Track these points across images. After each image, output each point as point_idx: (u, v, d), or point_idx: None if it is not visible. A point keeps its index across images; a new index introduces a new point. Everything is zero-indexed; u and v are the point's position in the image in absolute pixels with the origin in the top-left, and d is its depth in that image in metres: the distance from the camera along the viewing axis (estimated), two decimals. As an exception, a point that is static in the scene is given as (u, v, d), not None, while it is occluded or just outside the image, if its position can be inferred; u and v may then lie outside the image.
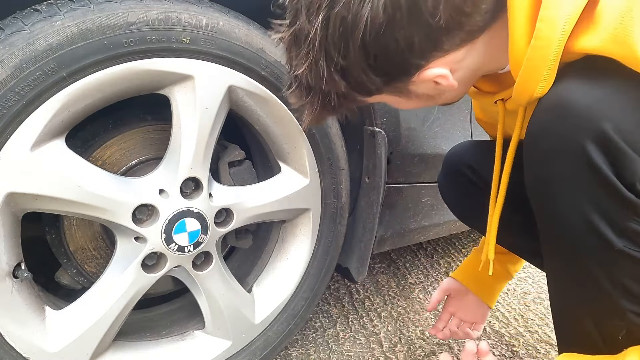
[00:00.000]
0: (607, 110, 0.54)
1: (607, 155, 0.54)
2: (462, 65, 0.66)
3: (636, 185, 0.54)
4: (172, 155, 0.83)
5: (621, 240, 0.57)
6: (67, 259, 0.90)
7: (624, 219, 0.57)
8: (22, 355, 0.74)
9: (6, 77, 0.64)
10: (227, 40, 0.81)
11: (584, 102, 0.56)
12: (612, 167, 0.55)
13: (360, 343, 1.24)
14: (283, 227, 1.08)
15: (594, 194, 0.57)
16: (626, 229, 0.57)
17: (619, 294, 0.62)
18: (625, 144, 0.53)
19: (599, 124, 0.54)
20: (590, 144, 0.55)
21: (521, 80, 0.63)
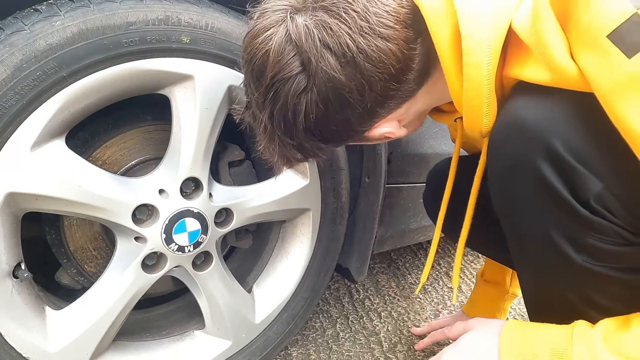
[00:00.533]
0: (555, 127, 0.55)
1: (559, 173, 0.55)
2: (409, 114, 0.71)
3: (590, 201, 0.55)
4: (172, 155, 0.83)
5: (581, 256, 0.58)
6: (67, 259, 0.90)
7: (581, 235, 0.57)
8: (22, 355, 0.74)
9: (6, 77, 0.64)
10: (227, 40, 0.81)
11: (532, 120, 0.57)
12: (565, 185, 0.55)
13: (360, 343, 1.24)
14: (283, 227, 1.08)
15: (551, 211, 0.58)
16: (585, 245, 0.58)
17: (585, 306, 0.63)
18: (576, 161, 0.54)
19: (548, 142, 0.55)
20: (542, 162, 0.56)
21: (466, 119, 0.66)
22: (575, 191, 0.55)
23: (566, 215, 0.57)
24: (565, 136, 0.54)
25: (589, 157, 0.54)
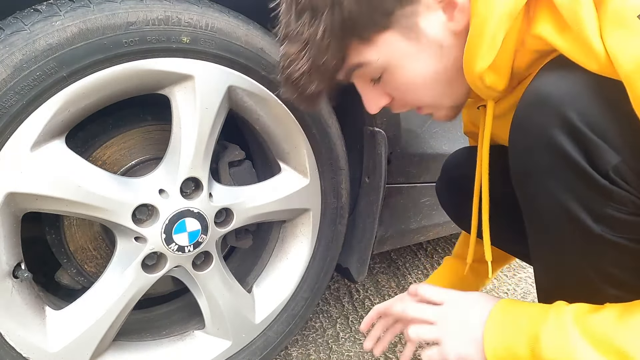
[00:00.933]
0: (575, 102, 0.57)
1: (578, 145, 0.57)
2: (461, 17, 0.66)
3: (609, 173, 0.56)
4: (172, 155, 0.83)
5: (599, 226, 0.59)
6: (67, 259, 0.90)
7: (600, 206, 0.59)
8: (22, 355, 0.74)
9: (6, 77, 0.64)
10: (227, 40, 0.81)
11: (554, 95, 0.59)
12: (584, 156, 0.57)
13: (360, 343, 1.24)
14: (283, 227, 1.08)
15: (570, 182, 0.59)
16: (604, 215, 0.59)
17: (602, 281, 0.64)
18: (594, 134, 0.56)
19: (567, 115, 0.57)
20: (560, 134, 0.58)
21: (465, 56, 0.66)
22: (594, 162, 0.57)
23: (585, 186, 0.58)
24: (585, 110, 0.56)
25: (607, 132, 0.55)
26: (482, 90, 0.70)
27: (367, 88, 0.74)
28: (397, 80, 0.71)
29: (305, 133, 0.96)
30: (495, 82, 0.68)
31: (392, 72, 0.70)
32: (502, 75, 0.68)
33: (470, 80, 0.69)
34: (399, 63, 0.69)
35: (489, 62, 0.64)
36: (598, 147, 0.56)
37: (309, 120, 0.95)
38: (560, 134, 0.57)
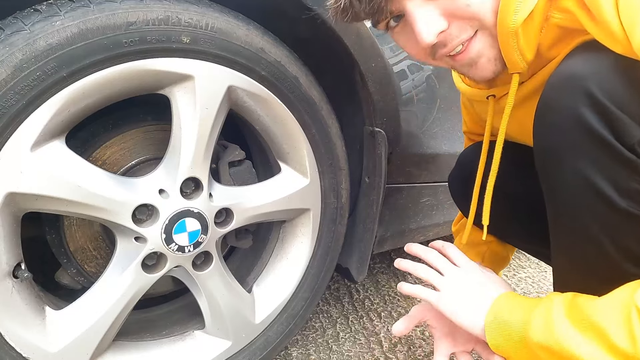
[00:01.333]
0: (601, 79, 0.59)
1: (603, 120, 0.59)
2: None
3: (635, 147, 0.58)
4: (172, 155, 0.83)
5: (625, 201, 0.61)
6: (67, 259, 0.90)
7: (626, 180, 0.60)
8: (22, 355, 0.74)
9: (6, 77, 0.64)
10: (227, 40, 0.81)
11: (577, 73, 0.61)
12: (609, 130, 0.59)
13: (360, 343, 1.24)
14: (283, 227, 1.08)
15: (596, 157, 0.61)
16: (629, 189, 0.60)
17: (622, 258, 0.65)
18: (619, 110, 0.58)
19: (592, 91, 0.59)
20: (585, 109, 0.59)
21: (500, 12, 0.66)
22: (620, 137, 0.59)
23: (611, 160, 0.60)
24: (610, 88, 0.58)
25: (632, 107, 0.57)
26: (512, 52, 0.68)
27: (423, 7, 0.67)
28: None
29: (305, 133, 0.96)
30: (525, 48, 0.68)
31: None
32: (531, 43, 0.68)
33: (504, 39, 0.67)
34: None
35: (524, 15, 0.64)
36: (623, 122, 0.58)
37: (309, 120, 0.95)
38: (587, 111, 0.59)
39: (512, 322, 0.72)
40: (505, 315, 0.73)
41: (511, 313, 0.73)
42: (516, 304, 0.74)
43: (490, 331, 0.74)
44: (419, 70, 1.11)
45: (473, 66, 0.73)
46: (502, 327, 0.73)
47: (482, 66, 0.72)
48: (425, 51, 0.73)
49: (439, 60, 0.75)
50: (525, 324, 0.69)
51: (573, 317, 0.63)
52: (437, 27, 0.67)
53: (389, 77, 1.01)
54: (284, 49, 0.90)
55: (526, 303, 0.73)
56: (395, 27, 0.73)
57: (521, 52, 0.69)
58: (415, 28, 0.68)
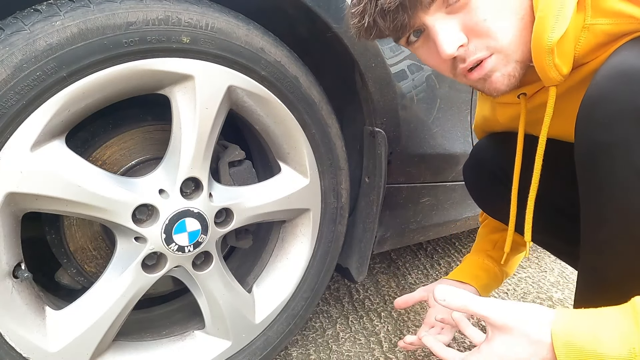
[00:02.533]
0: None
1: None
2: None
3: None
4: (172, 155, 0.83)
5: None
6: (67, 259, 0.90)
7: None
8: (22, 355, 0.74)
9: (6, 77, 0.64)
10: (227, 40, 0.81)
11: (638, 66, 0.59)
12: None
13: (360, 343, 1.24)
14: (283, 227, 1.08)
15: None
16: None
17: None
18: None
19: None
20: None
21: (535, 32, 0.67)
22: None
23: None
24: None
25: None
26: (547, 69, 0.70)
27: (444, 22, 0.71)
28: (477, 5, 0.70)
29: (305, 133, 0.96)
30: (561, 63, 0.69)
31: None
32: (567, 57, 0.69)
33: (539, 58, 0.69)
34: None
35: (560, 34, 0.65)
36: None
37: (309, 120, 0.95)
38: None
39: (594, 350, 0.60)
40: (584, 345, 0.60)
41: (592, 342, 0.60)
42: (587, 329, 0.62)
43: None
44: (419, 70, 1.11)
45: (487, 80, 0.75)
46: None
47: (496, 80, 0.75)
48: (447, 64, 0.76)
49: (458, 76, 0.78)
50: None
51: None
52: (458, 40, 0.71)
53: (389, 77, 1.01)
54: (284, 49, 0.90)
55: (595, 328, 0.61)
56: (415, 41, 0.77)
57: (557, 68, 0.70)
58: (437, 40, 0.71)
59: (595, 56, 0.70)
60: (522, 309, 0.68)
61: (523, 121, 0.87)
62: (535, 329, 0.64)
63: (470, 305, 0.71)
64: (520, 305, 0.69)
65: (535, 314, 0.66)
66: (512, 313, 0.67)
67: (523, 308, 0.68)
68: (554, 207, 0.92)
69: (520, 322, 0.66)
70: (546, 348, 0.62)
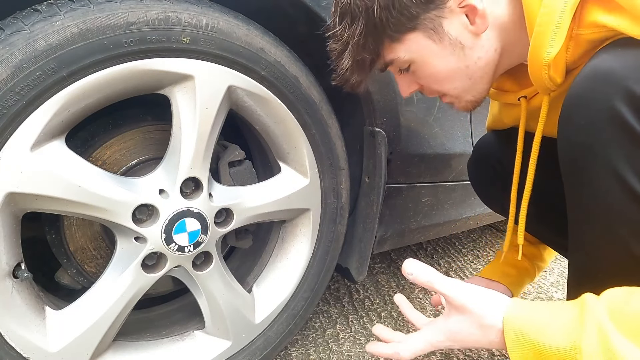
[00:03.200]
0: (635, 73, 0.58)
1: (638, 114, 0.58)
2: (492, 16, 0.75)
3: None
4: (172, 155, 0.83)
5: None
6: (67, 259, 0.90)
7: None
8: (22, 355, 0.74)
9: (6, 77, 0.64)
10: (227, 40, 0.81)
11: (614, 68, 0.60)
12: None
13: (360, 343, 1.24)
14: (283, 227, 1.08)
15: (628, 152, 0.60)
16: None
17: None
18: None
19: (628, 86, 0.58)
20: (622, 104, 0.58)
21: (532, 46, 0.70)
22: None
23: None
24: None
25: None
26: (543, 81, 0.73)
27: (400, 76, 0.86)
28: (423, 73, 0.82)
29: (305, 133, 0.96)
30: (556, 75, 0.72)
31: (418, 66, 0.80)
32: (561, 68, 0.71)
33: (535, 71, 0.72)
34: (424, 59, 0.79)
35: (557, 49, 0.67)
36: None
37: (309, 120, 0.95)
38: (623, 105, 0.58)
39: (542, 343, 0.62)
40: (531, 335, 0.64)
41: (538, 333, 0.63)
42: (536, 319, 0.65)
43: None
44: (419, 70, 1.11)
45: (455, 105, 0.88)
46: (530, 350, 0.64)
47: (460, 106, 0.87)
48: None
49: None
50: (570, 349, 0.59)
51: (627, 332, 0.56)
52: (412, 89, 0.87)
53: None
54: (284, 49, 0.90)
55: (545, 317, 0.64)
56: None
57: (552, 80, 0.72)
58: (397, 85, 0.89)
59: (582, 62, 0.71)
60: (481, 294, 0.72)
61: (523, 124, 0.90)
62: (490, 313, 0.69)
63: (435, 282, 0.74)
64: (480, 290, 0.73)
65: (493, 300, 0.71)
66: (471, 296, 0.72)
67: (483, 293, 0.72)
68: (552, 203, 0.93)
69: (477, 305, 0.70)
70: (495, 332, 0.67)
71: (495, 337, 0.68)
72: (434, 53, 0.77)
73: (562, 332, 0.61)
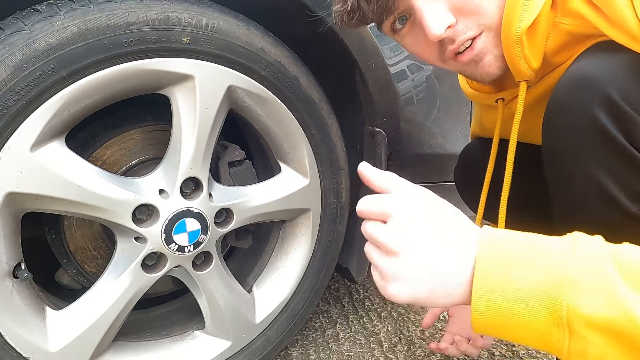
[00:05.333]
0: (616, 80, 0.57)
1: (617, 122, 0.57)
2: None
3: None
4: (172, 155, 0.83)
5: (635, 205, 0.59)
6: (67, 259, 0.90)
7: (637, 183, 0.58)
8: (22, 355, 0.74)
9: (6, 77, 0.64)
10: (227, 40, 0.81)
11: (594, 74, 0.59)
12: (622, 132, 0.57)
13: (360, 343, 1.24)
14: (283, 227, 1.08)
15: (607, 159, 0.59)
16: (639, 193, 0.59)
17: None
18: (634, 112, 0.56)
19: (607, 92, 0.57)
20: (600, 111, 0.58)
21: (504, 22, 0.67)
22: (633, 139, 0.57)
23: (623, 163, 0.58)
24: (627, 89, 0.57)
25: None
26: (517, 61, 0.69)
27: (430, 2, 0.68)
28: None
29: (305, 133, 0.96)
30: (531, 56, 0.68)
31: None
32: (537, 50, 0.68)
33: (509, 47, 0.68)
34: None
35: (528, 23, 0.65)
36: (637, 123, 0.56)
37: (309, 120, 0.95)
38: (602, 112, 0.57)
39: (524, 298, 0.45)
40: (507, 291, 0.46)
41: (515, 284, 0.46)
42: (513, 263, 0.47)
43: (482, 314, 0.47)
44: (419, 70, 1.11)
45: (479, 63, 0.72)
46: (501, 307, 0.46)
47: (488, 62, 0.72)
48: (434, 49, 0.73)
49: (447, 61, 0.75)
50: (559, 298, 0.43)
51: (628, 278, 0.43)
52: (446, 20, 0.67)
53: (389, 77, 1.02)
54: (284, 49, 0.90)
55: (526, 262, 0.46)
56: (401, 29, 0.73)
57: (527, 60, 0.69)
58: (424, 22, 0.67)
59: (563, 59, 0.70)
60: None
61: (499, 126, 0.88)
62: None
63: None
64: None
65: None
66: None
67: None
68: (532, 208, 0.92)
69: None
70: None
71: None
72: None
73: (547, 261, 0.45)
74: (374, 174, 0.57)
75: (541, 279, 0.44)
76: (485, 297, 0.46)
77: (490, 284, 0.46)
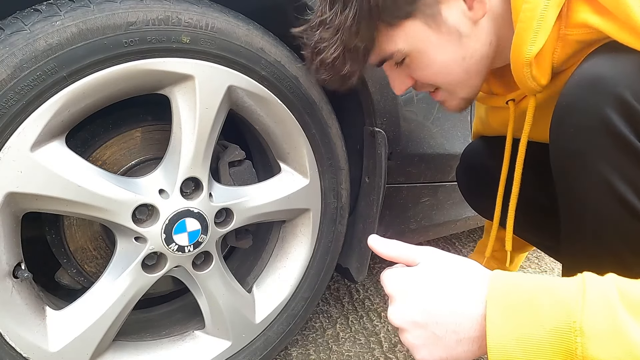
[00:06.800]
0: (627, 80, 0.57)
1: (629, 122, 0.56)
2: (489, 2, 0.72)
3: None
4: (172, 155, 0.83)
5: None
6: (67, 259, 0.90)
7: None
8: (22, 355, 0.74)
9: (6, 77, 0.64)
10: (227, 40, 0.81)
11: (604, 74, 0.59)
12: (635, 133, 0.56)
13: (360, 343, 1.24)
14: (283, 227, 1.08)
15: (619, 160, 0.58)
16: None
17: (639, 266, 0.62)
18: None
19: (619, 92, 0.56)
20: (611, 111, 0.57)
21: (514, 44, 0.69)
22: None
23: (634, 163, 0.57)
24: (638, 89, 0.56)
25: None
26: (526, 80, 0.71)
27: (394, 71, 0.82)
28: (419, 65, 0.78)
29: (305, 133, 0.96)
30: (539, 75, 0.70)
31: (414, 57, 0.76)
32: (545, 69, 0.70)
33: (517, 69, 0.70)
34: (422, 49, 0.75)
35: (539, 47, 0.66)
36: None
37: (309, 120, 0.95)
38: (614, 113, 0.57)
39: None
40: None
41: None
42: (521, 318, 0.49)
43: None
44: (419, 70, 1.11)
45: (445, 104, 0.86)
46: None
47: (449, 105, 0.85)
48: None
49: None
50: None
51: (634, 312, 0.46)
52: (406, 85, 0.83)
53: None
54: (284, 49, 0.90)
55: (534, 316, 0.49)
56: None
57: (535, 80, 0.71)
58: (390, 83, 0.86)
59: (572, 63, 0.70)
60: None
61: (511, 128, 0.88)
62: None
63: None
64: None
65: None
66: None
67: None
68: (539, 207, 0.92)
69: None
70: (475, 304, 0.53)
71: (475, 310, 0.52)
72: (432, 42, 0.74)
73: (557, 309, 0.47)
74: (389, 248, 0.67)
75: (552, 329, 0.47)
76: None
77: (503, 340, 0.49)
